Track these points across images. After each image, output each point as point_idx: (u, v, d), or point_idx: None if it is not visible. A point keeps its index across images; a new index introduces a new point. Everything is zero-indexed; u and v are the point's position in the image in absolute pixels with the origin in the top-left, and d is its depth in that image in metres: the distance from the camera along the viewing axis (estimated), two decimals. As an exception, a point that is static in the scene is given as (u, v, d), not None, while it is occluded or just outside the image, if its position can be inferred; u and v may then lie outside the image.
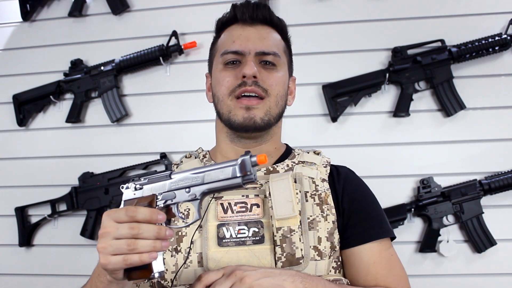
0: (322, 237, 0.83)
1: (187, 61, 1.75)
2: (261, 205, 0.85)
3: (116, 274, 0.66)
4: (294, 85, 1.02)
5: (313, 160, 0.93)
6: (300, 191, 0.85)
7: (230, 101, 0.89)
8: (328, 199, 0.87)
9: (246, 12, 0.92)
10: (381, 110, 1.65)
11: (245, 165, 0.65)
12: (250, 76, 0.87)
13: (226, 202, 0.85)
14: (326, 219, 0.85)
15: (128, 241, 0.63)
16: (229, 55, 0.91)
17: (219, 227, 0.83)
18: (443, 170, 1.59)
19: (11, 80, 1.84)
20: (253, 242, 0.82)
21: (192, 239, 0.82)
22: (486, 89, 1.61)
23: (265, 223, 0.83)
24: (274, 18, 0.95)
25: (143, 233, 0.63)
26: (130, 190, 0.73)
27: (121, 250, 0.63)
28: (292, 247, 0.80)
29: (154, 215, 0.64)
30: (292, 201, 0.81)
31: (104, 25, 1.80)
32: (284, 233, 0.80)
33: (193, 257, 0.82)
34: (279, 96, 0.91)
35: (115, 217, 0.65)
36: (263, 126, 0.89)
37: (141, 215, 0.64)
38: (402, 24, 1.65)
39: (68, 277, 1.71)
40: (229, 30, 0.95)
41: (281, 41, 0.96)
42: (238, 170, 0.65)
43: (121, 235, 0.63)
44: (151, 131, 1.74)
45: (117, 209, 0.66)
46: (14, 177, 1.81)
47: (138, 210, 0.65)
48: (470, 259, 1.56)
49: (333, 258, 0.86)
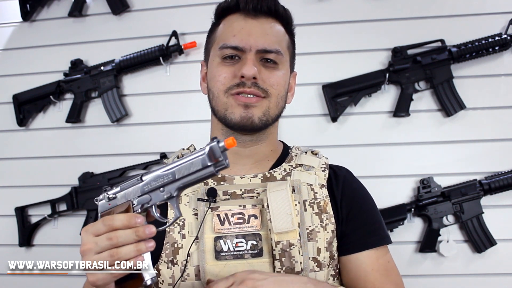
0: (321, 247, 0.81)
1: (187, 61, 1.75)
2: (259, 216, 0.82)
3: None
4: (294, 81, 0.96)
5: (311, 163, 0.90)
6: (299, 202, 0.82)
7: (226, 98, 0.84)
8: (327, 207, 0.85)
9: (250, 1, 0.85)
10: (381, 110, 1.65)
11: (214, 153, 0.62)
12: (249, 78, 0.82)
13: (223, 213, 0.82)
14: (325, 229, 0.83)
15: (110, 252, 0.61)
16: (228, 50, 0.85)
17: (216, 240, 0.80)
18: (443, 170, 1.59)
19: (11, 80, 1.84)
20: (251, 256, 0.80)
21: (189, 252, 0.80)
22: (486, 89, 1.61)
23: (263, 236, 0.81)
24: (279, 9, 0.88)
25: (123, 240, 0.61)
26: (104, 201, 0.70)
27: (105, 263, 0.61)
28: (292, 261, 0.78)
29: (132, 219, 0.62)
30: (291, 213, 0.79)
31: (104, 25, 1.80)
32: (283, 247, 0.78)
33: (190, 270, 0.80)
34: (279, 97, 0.87)
35: (94, 231, 0.63)
36: (260, 127, 0.86)
37: (118, 222, 0.62)
38: (402, 24, 1.65)
39: (68, 277, 1.71)
40: (230, 20, 0.88)
41: (285, 35, 0.90)
42: (207, 159, 0.62)
43: (101, 248, 0.61)
44: (151, 131, 1.74)
45: (95, 223, 0.65)
46: (14, 177, 1.81)
47: (115, 217, 0.63)
48: (470, 259, 1.56)
49: (332, 266, 0.84)
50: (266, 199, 0.80)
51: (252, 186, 0.86)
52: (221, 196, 0.84)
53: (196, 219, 0.82)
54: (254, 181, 0.86)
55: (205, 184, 0.86)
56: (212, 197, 0.82)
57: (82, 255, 0.63)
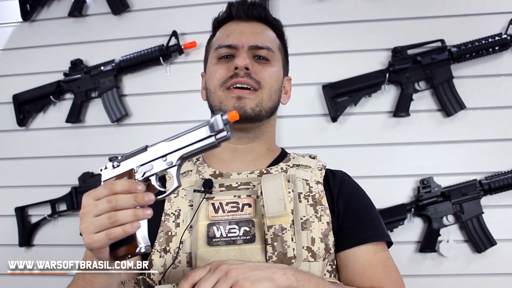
0: (315, 237, 0.81)
1: (187, 61, 1.75)
2: (253, 205, 0.83)
3: (101, 253, 0.64)
4: (289, 85, 1.00)
5: (308, 163, 0.92)
6: (293, 190, 0.83)
7: (222, 92, 0.88)
8: (322, 200, 0.86)
9: (241, 9, 0.92)
10: (381, 110, 1.65)
11: (217, 123, 0.63)
12: (242, 68, 0.86)
13: (218, 202, 0.83)
14: (320, 220, 0.83)
15: (108, 214, 0.61)
16: (223, 49, 0.90)
17: (209, 226, 0.81)
18: (443, 170, 1.59)
19: (11, 80, 1.84)
20: (243, 242, 0.80)
21: (182, 239, 0.80)
22: (486, 89, 1.61)
23: (256, 223, 0.82)
24: (269, 17, 0.95)
25: (122, 204, 0.62)
26: (109, 169, 0.71)
27: (103, 225, 0.61)
28: (284, 246, 0.77)
29: (132, 185, 0.63)
30: (284, 199, 0.79)
31: (104, 25, 1.80)
32: (275, 231, 0.78)
33: (182, 257, 0.80)
34: (272, 90, 0.90)
35: (94, 195, 0.64)
36: (253, 117, 0.87)
37: (119, 186, 0.63)
38: (402, 24, 1.65)
39: (68, 277, 1.71)
40: (224, 27, 0.94)
41: (276, 39, 0.95)
42: (210, 129, 0.64)
43: (101, 210, 0.62)
44: (151, 131, 1.74)
45: (96, 188, 0.65)
46: (14, 177, 1.81)
47: (116, 182, 0.63)
48: (470, 259, 1.56)
49: (328, 261, 0.84)
50: (260, 187, 0.82)
51: (249, 180, 0.88)
52: (217, 188, 0.86)
53: (191, 209, 0.84)
54: (251, 176, 0.88)
55: (202, 177, 0.88)
56: (208, 187, 0.85)
57: (81, 217, 0.64)
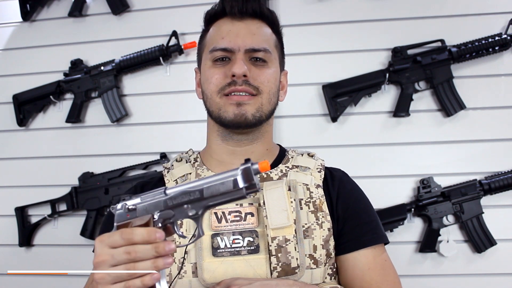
0: (317, 245, 0.82)
1: (187, 61, 1.74)
2: (255, 214, 0.83)
3: None
4: (286, 79, 0.99)
5: (307, 164, 0.92)
6: (295, 199, 0.84)
7: (220, 99, 0.87)
8: (323, 206, 0.86)
9: (235, 5, 0.88)
10: (381, 110, 1.65)
11: (248, 175, 0.60)
12: (240, 76, 0.85)
13: (220, 211, 0.83)
14: (321, 227, 0.84)
15: (127, 266, 0.59)
16: (218, 52, 0.88)
17: (213, 237, 0.81)
18: (443, 170, 1.59)
19: (11, 80, 1.84)
20: (248, 252, 0.81)
21: (186, 249, 0.81)
22: (486, 89, 1.61)
23: (260, 233, 0.82)
24: (264, 11, 0.91)
25: (141, 255, 0.59)
26: (122, 211, 0.66)
27: (121, 277, 0.59)
28: (288, 256, 0.79)
29: (152, 235, 0.60)
30: (287, 210, 0.80)
31: (104, 25, 1.80)
32: (279, 242, 0.79)
33: (187, 267, 0.81)
34: (271, 93, 0.89)
35: (110, 242, 0.61)
36: (254, 123, 0.87)
37: (138, 236, 0.60)
38: (402, 24, 1.65)
39: (68, 277, 1.71)
40: (218, 25, 0.91)
41: (272, 35, 0.93)
42: (241, 180, 0.60)
43: (118, 261, 0.60)
44: (151, 131, 1.74)
45: (111, 234, 0.62)
46: (14, 177, 1.81)
47: (135, 231, 0.60)
48: (470, 259, 1.56)
49: (329, 265, 0.85)
50: (262, 196, 0.82)
51: None
52: None
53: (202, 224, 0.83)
54: None
55: None
56: None
57: (95, 266, 0.61)
